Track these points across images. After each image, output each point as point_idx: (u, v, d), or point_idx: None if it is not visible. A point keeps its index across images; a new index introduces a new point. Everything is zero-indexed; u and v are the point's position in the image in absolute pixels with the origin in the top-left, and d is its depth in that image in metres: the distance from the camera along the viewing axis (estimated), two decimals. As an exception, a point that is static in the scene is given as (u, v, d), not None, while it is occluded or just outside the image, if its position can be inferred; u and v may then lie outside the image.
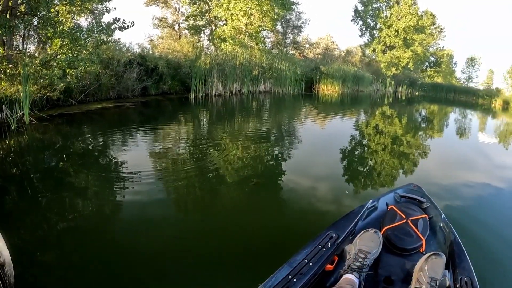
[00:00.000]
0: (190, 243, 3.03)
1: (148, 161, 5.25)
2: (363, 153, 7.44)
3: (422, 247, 2.12)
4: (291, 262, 1.80)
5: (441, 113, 20.92)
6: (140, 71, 12.17)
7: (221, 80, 14.34)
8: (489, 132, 14.48)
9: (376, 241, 1.99)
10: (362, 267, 1.79)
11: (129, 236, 3.08)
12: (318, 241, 2.00)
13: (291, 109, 15.03)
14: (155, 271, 2.57)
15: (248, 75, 15.78)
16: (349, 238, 2.11)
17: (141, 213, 3.48)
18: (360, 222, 2.31)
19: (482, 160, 8.11)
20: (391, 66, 31.08)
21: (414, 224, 2.26)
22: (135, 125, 8.15)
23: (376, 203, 2.60)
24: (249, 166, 5.45)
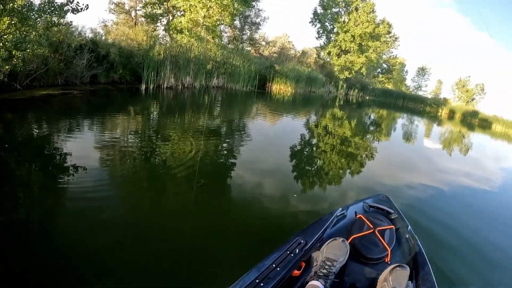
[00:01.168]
0: (133, 241, 3.04)
1: (93, 153, 5.11)
2: (311, 153, 7.73)
3: (387, 257, 2.18)
4: (259, 266, 1.82)
5: (390, 117, 22.12)
6: (91, 58, 11.68)
7: (174, 72, 14.14)
8: (441, 139, 15.37)
9: (343, 250, 2.01)
10: (328, 274, 1.82)
11: (70, 231, 3.04)
12: (287, 246, 2.02)
13: (243, 105, 15.19)
14: (95, 268, 2.59)
15: (202, 69, 15.68)
16: (317, 245, 2.14)
17: (84, 207, 3.42)
18: (328, 230, 2.36)
19: (427, 164, 8.66)
20: (344, 70, 32.12)
21: (381, 234, 2.32)
22: (82, 114, 7.90)
23: (345, 211, 2.65)
24: (198, 162, 5.38)
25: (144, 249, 2.93)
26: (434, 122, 25.37)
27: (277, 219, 3.91)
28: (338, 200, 4.97)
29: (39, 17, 7.78)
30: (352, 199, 4.80)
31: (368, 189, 5.52)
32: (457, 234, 4.30)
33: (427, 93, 51.40)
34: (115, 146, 5.62)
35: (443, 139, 15.83)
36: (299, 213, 4.19)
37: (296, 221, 3.93)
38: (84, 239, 2.93)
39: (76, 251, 2.76)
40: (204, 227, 3.51)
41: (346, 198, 5.08)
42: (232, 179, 5.06)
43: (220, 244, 3.21)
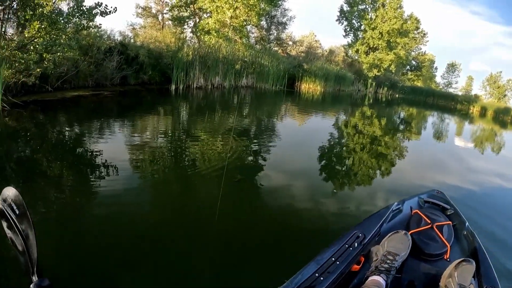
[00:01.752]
0: (167, 238, 2.96)
1: (125, 153, 5.05)
2: (342, 152, 7.46)
3: (446, 254, 2.08)
4: (318, 259, 1.75)
5: (420, 116, 21.41)
6: (120, 60, 11.81)
7: (203, 72, 14.11)
8: (478, 137, 14.84)
9: (405, 244, 1.93)
10: (390, 269, 1.74)
11: (103, 228, 2.98)
12: (345, 240, 1.95)
13: (272, 104, 15.01)
14: (126, 263, 2.53)
15: (231, 69, 15.59)
16: (375, 239, 2.08)
17: (115, 207, 3.35)
18: (385, 224, 2.27)
19: (464, 162, 8.28)
20: (373, 68, 31.44)
21: (439, 230, 2.21)
22: (113, 115, 7.92)
23: (400, 206, 2.56)
24: (230, 161, 5.31)
25: (176, 246, 2.87)
26: (465, 120, 24.51)
27: (314, 217, 3.79)
28: (376, 198, 4.80)
29: (68, 21, 7.85)
30: (391, 197, 4.73)
31: (406, 187, 5.36)
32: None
33: (457, 90, 49.81)
34: (146, 145, 5.57)
35: (481, 137, 15.23)
36: (336, 211, 4.06)
37: (334, 220, 3.81)
38: (116, 236, 2.88)
39: (107, 248, 2.70)
40: (238, 224, 3.41)
41: (385, 196, 4.88)
42: (264, 178, 4.89)
43: (258, 243, 3.10)
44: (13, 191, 1.13)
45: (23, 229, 1.08)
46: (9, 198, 1.13)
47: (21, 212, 1.10)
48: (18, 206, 1.10)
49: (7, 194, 1.15)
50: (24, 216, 1.08)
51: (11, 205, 1.12)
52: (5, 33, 8.38)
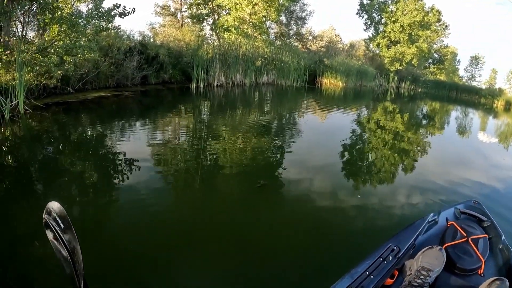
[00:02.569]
0: (188, 240, 2.93)
1: (147, 153, 5.04)
2: (367, 150, 7.27)
3: (481, 269, 2.02)
4: (352, 273, 1.75)
5: (443, 110, 20.93)
6: (141, 59, 11.87)
7: (224, 70, 14.05)
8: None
9: (440, 260, 1.90)
10: (423, 285, 1.73)
11: (127, 227, 2.99)
12: (379, 253, 1.93)
13: (293, 101, 14.82)
14: (152, 261, 2.53)
15: (251, 66, 15.49)
16: (410, 252, 2.04)
17: (138, 206, 3.35)
18: (420, 236, 2.21)
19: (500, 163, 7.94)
20: (395, 62, 30.82)
21: (474, 244, 2.15)
22: (134, 115, 7.94)
23: (436, 217, 2.49)
24: (253, 162, 5.26)
25: (196, 248, 2.84)
26: (489, 114, 23.84)
27: (339, 219, 3.74)
28: (404, 200, 4.62)
29: (87, 23, 7.91)
30: (423, 200, 4.60)
31: (438, 190, 5.08)
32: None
33: (481, 83, 48.53)
34: (167, 145, 5.55)
35: (506, 132, 14.74)
36: (363, 214, 3.95)
37: (362, 224, 3.72)
38: (136, 235, 2.88)
39: (128, 247, 2.70)
40: (263, 227, 3.35)
41: (415, 199, 4.69)
42: (287, 178, 4.79)
43: (288, 249, 3.02)
44: (57, 205, 1.14)
45: (69, 242, 1.08)
46: (54, 212, 1.15)
47: (65, 226, 1.11)
48: (63, 220, 1.11)
49: (52, 208, 1.16)
50: (69, 230, 1.09)
51: (56, 219, 1.13)
52: (25, 37, 8.49)
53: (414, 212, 4.14)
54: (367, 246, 2.99)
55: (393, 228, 3.44)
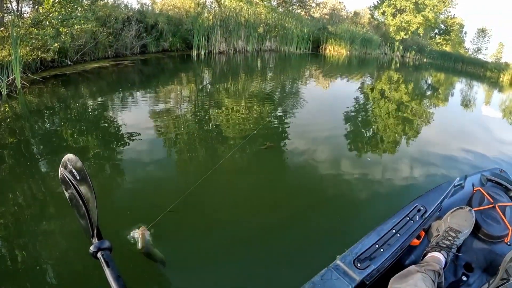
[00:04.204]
0: (194, 202, 2.91)
1: (149, 122, 5.02)
2: (368, 118, 7.23)
3: (507, 237, 1.92)
4: (379, 230, 1.72)
5: (448, 82, 20.79)
6: (139, 28, 11.60)
7: (225, 37, 13.73)
8: None
9: (469, 221, 1.82)
10: (451, 246, 1.67)
11: (130, 195, 3.01)
12: (406, 212, 1.88)
13: (297, 68, 14.60)
14: (157, 223, 2.45)
15: (253, 32, 15.14)
16: (436, 214, 1.98)
17: (144, 175, 3.39)
18: (446, 199, 2.13)
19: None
20: (400, 31, 30.18)
21: (501, 211, 2.04)
22: (135, 84, 7.78)
23: (462, 182, 2.38)
24: (258, 127, 5.21)
25: (201, 209, 2.89)
26: (495, 88, 23.62)
27: (343, 184, 3.72)
28: (420, 169, 4.61)
29: (82, -7, 7.69)
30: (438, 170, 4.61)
31: (453, 160, 5.17)
32: None
33: (487, 56, 47.81)
34: (170, 113, 5.49)
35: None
36: (370, 179, 3.96)
37: (369, 189, 3.72)
38: (141, 203, 2.89)
39: (134, 214, 2.72)
40: (272, 193, 3.33)
41: (432, 168, 4.69)
42: (293, 142, 4.80)
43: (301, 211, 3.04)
44: (72, 157, 1.15)
45: (84, 193, 1.09)
46: (70, 164, 1.15)
47: (81, 177, 1.11)
48: (79, 171, 1.11)
49: (67, 160, 1.17)
50: (85, 180, 1.09)
51: (71, 171, 1.14)
52: (21, 13, 8.29)
53: (432, 180, 4.15)
54: (381, 211, 3.08)
55: (409, 194, 3.44)
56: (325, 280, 1.36)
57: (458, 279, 1.72)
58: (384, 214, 1.89)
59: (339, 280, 1.37)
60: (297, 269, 2.31)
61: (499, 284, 1.50)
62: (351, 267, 1.45)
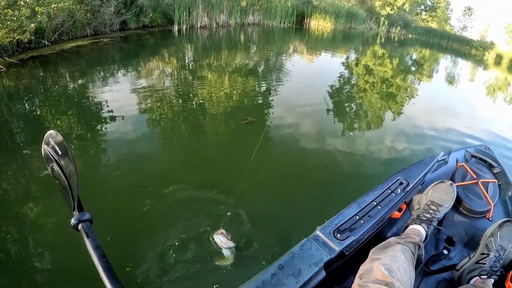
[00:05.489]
0: (180, 180, 2.94)
1: (131, 100, 5.00)
2: (352, 93, 7.33)
3: (489, 213, 1.99)
4: (360, 202, 1.73)
5: (433, 58, 21.03)
6: (118, 4, 11.27)
7: (207, 11, 13.43)
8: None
9: (450, 195, 1.83)
10: (431, 219, 1.69)
11: (115, 174, 3.03)
12: (388, 185, 1.90)
13: (281, 42, 14.52)
14: (141, 207, 2.56)
15: (236, 6, 14.84)
16: (419, 188, 2.01)
17: (127, 151, 3.43)
18: (429, 174, 2.17)
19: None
20: (386, 5, 30.13)
21: (484, 187, 2.10)
22: (115, 62, 7.64)
23: (446, 157, 2.42)
24: (240, 102, 5.32)
25: (186, 184, 2.88)
26: (480, 66, 24.09)
27: (328, 158, 3.81)
28: (385, 142, 4.72)
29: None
30: (423, 145, 4.74)
31: (437, 136, 5.30)
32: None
33: (472, 34, 48.37)
34: (153, 90, 5.47)
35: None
36: (354, 153, 4.06)
37: (347, 161, 3.84)
38: (127, 180, 2.90)
39: (117, 192, 2.77)
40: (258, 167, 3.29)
41: (415, 143, 4.82)
42: (274, 116, 4.92)
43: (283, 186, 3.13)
44: (53, 132, 1.17)
45: (66, 167, 1.11)
46: (52, 140, 1.17)
47: (63, 152, 1.13)
48: (60, 146, 1.14)
49: (49, 136, 1.18)
50: (66, 154, 1.12)
51: (54, 146, 1.16)
52: None
53: (416, 154, 4.29)
54: (364, 184, 3.20)
55: (393, 168, 3.59)
56: (304, 250, 1.37)
57: (439, 252, 1.76)
58: (367, 187, 1.88)
59: (318, 250, 1.39)
60: (278, 241, 2.37)
61: (479, 259, 1.55)
62: (330, 238, 1.47)
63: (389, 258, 1.36)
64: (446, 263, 1.72)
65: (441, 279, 1.66)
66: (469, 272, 1.54)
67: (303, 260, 1.30)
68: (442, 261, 1.73)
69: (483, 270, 1.50)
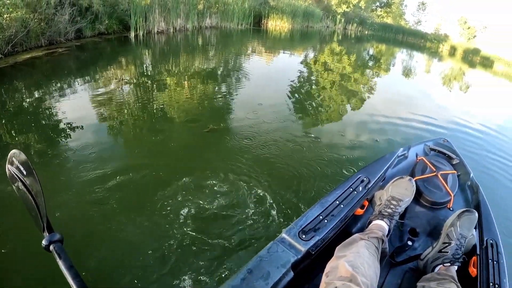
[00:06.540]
0: (137, 190, 2.98)
1: (90, 110, 4.86)
2: (312, 90, 7.45)
3: (450, 203, 2.10)
4: (323, 202, 1.78)
5: (389, 52, 21.69)
6: (73, 12, 10.95)
7: (164, 15, 13.33)
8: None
9: (409, 190, 1.93)
10: (393, 214, 1.78)
11: (74, 184, 2.98)
12: (350, 183, 1.96)
13: (239, 44, 14.59)
14: (104, 213, 2.62)
15: (193, 9, 14.76)
16: (380, 184, 2.09)
17: (88, 165, 3.30)
18: (390, 169, 2.28)
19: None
20: (342, 3, 30.85)
21: (443, 178, 2.21)
22: (72, 72, 7.39)
23: (406, 152, 2.58)
24: (201, 108, 5.32)
25: (147, 195, 2.90)
26: (435, 57, 25.13)
27: (292, 160, 3.79)
28: (347, 136, 4.87)
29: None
30: (369, 134, 4.93)
31: (380, 127, 5.49)
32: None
33: (427, 28, 50.41)
34: (111, 100, 5.35)
35: (450, 76, 15.59)
36: (316, 153, 4.09)
37: (316, 161, 3.82)
38: (86, 193, 2.86)
39: (80, 206, 2.73)
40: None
41: (374, 138, 4.95)
42: (236, 121, 4.89)
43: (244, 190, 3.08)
44: (17, 151, 1.16)
45: (32, 187, 1.10)
46: (15, 159, 1.16)
47: (27, 172, 1.12)
48: (24, 165, 1.13)
49: (13, 155, 1.18)
50: (31, 174, 1.11)
51: (18, 166, 1.15)
52: None
53: (377, 151, 4.37)
54: (326, 184, 3.21)
55: (355, 165, 3.67)
56: (271, 253, 1.39)
57: (404, 244, 1.85)
58: (330, 186, 1.97)
59: (285, 252, 1.41)
60: (240, 251, 2.37)
61: (442, 248, 1.64)
62: (296, 239, 1.50)
63: (353, 255, 1.41)
64: (411, 253, 1.81)
65: (407, 269, 1.75)
66: (433, 260, 1.63)
67: (271, 263, 1.33)
68: (407, 252, 1.82)
69: (446, 258, 1.59)
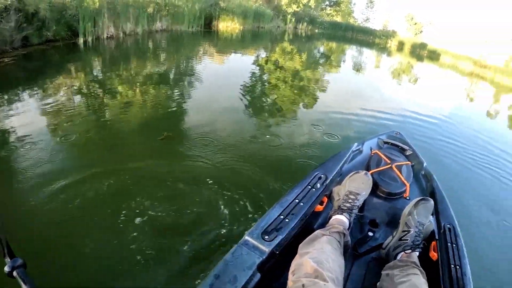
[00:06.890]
0: (94, 203, 2.92)
1: (40, 121, 4.70)
2: (265, 90, 7.68)
3: (406, 193, 2.20)
4: (282, 202, 1.80)
5: (340, 50, 22.46)
6: (19, 18, 10.66)
7: (113, 20, 13.19)
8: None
9: (366, 183, 1.99)
10: (352, 208, 1.82)
11: (26, 203, 2.87)
12: (307, 181, 1.99)
13: (190, 47, 14.68)
14: (63, 230, 2.58)
15: (143, 12, 14.67)
16: (337, 180, 2.14)
17: (38, 177, 3.22)
18: (346, 165, 2.34)
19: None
20: (292, 3, 31.41)
21: (398, 170, 2.31)
22: (19, 83, 6.96)
23: (360, 147, 2.65)
24: (154, 114, 5.25)
25: (104, 209, 2.86)
26: (384, 53, 26.05)
27: (250, 161, 3.85)
28: (303, 132, 5.01)
29: None
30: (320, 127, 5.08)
31: (351, 124, 5.66)
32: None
33: (375, 25, 51.96)
34: (62, 110, 5.16)
35: (399, 69, 16.20)
36: (272, 153, 4.19)
37: (275, 164, 3.90)
38: (42, 212, 2.78)
39: (39, 225, 2.66)
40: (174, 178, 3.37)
41: (315, 130, 5.12)
42: (191, 126, 4.90)
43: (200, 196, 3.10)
44: None
45: None
46: None
47: None
48: None
49: None
50: None
51: None
52: None
53: (332, 147, 4.53)
54: (284, 183, 3.32)
55: (311, 163, 3.84)
56: (236, 257, 1.40)
57: (365, 235, 1.91)
58: (288, 185, 2.11)
59: (249, 255, 1.42)
60: (204, 257, 2.39)
61: (402, 236, 1.70)
62: (259, 241, 1.51)
63: (317, 251, 1.44)
64: (373, 243, 1.86)
65: (370, 259, 1.80)
66: (395, 249, 1.68)
67: (236, 266, 1.33)
68: (368, 242, 1.87)
69: (406, 245, 1.64)
